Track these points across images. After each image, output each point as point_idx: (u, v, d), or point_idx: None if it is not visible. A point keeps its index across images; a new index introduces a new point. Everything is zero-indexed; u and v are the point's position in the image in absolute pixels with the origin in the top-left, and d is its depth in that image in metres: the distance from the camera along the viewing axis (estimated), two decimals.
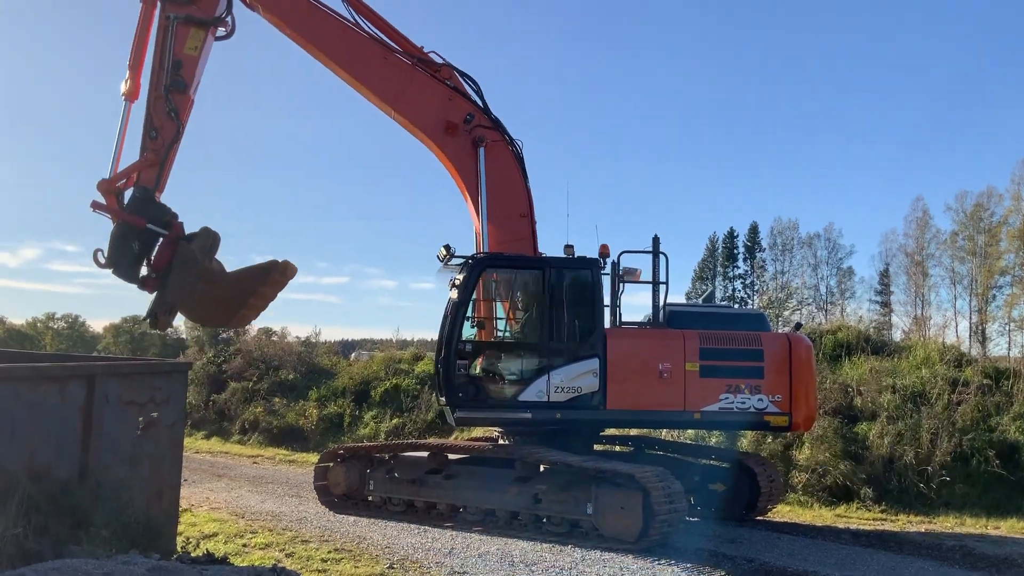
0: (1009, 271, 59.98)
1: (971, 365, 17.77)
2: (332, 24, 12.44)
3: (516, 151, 13.09)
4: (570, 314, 11.95)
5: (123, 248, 10.34)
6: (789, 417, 12.23)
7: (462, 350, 11.80)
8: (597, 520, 10.68)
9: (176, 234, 10.43)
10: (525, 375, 11.78)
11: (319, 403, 24.43)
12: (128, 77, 10.87)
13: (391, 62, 12.66)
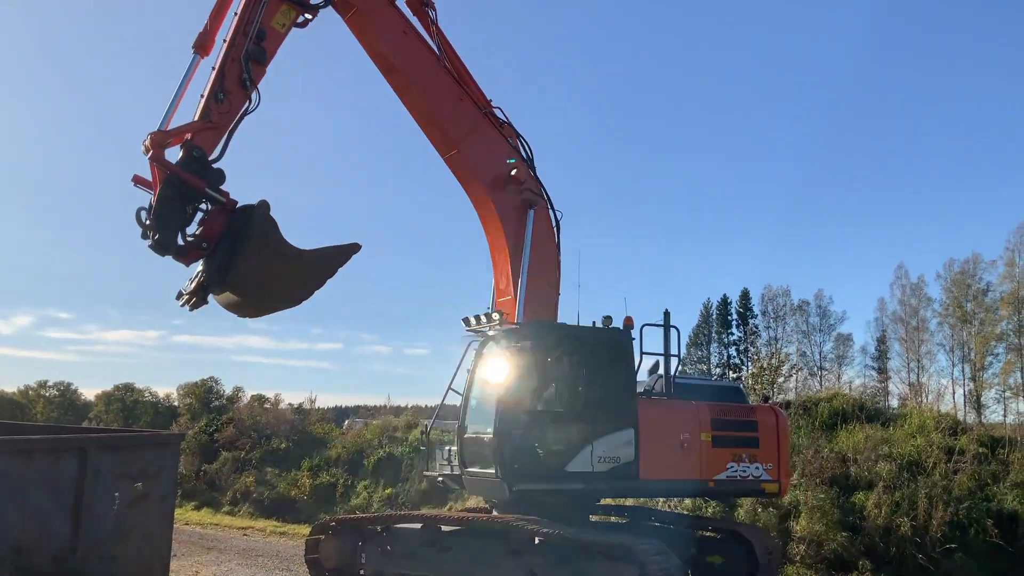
0: (1004, 338, 60.07)
1: (967, 433, 17.76)
2: (423, 53, 12.15)
3: (556, 220, 13.23)
4: (611, 383, 12.04)
5: (173, 211, 9.15)
6: (779, 484, 12.86)
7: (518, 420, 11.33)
8: None
9: (233, 203, 9.44)
10: (572, 445, 11.52)
11: (312, 472, 24.19)
12: (204, 29, 10.10)
13: (464, 104, 12.43)
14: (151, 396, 47.63)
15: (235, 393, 38.95)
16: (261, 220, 9.15)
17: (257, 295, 9.89)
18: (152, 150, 9.10)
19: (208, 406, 37.56)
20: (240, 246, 9.06)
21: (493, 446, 11.29)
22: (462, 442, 12.12)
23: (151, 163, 9.15)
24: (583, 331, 12.41)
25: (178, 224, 9.19)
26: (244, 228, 9.12)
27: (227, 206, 9.36)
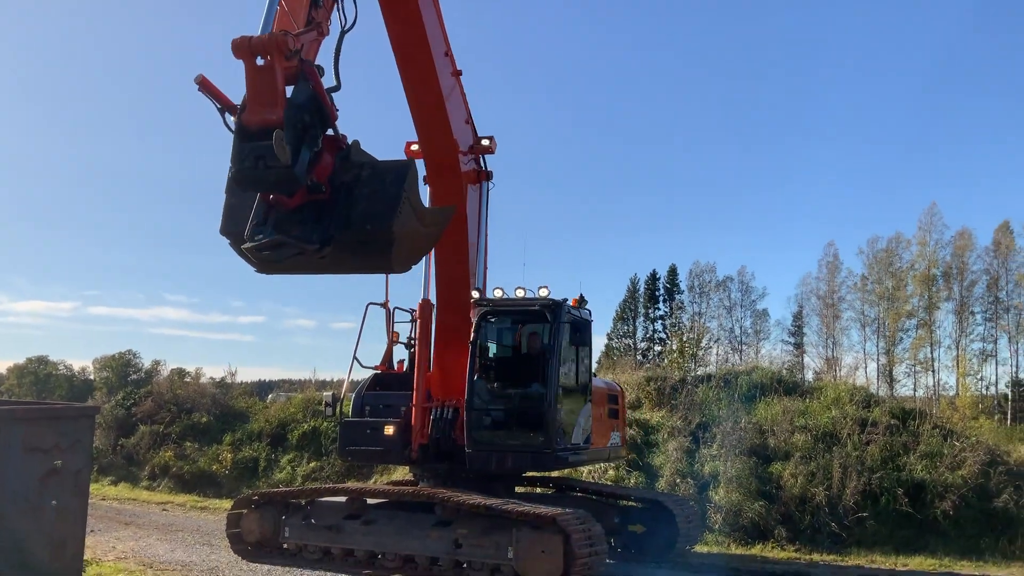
0: (915, 314, 62.40)
1: (879, 406, 18.39)
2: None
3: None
4: (587, 360, 13.00)
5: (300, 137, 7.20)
6: (626, 450, 15.53)
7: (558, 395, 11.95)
8: (518, 564, 10.59)
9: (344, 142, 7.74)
10: (572, 418, 12.35)
11: (233, 447, 23.80)
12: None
13: (449, 59, 11.57)
14: (66, 369, 46.21)
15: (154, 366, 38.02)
16: (409, 167, 7.54)
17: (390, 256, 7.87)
18: (274, 55, 6.92)
19: (126, 380, 36.58)
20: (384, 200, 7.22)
21: (543, 419, 11.77)
22: (474, 415, 12.14)
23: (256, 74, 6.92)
24: (584, 311, 13.16)
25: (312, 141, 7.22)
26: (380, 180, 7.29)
27: (339, 143, 7.61)
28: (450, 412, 12.29)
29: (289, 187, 6.95)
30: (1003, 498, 15.07)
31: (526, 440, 12.02)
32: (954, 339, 60.80)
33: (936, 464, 15.97)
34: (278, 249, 7.06)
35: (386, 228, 7.18)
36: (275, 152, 6.70)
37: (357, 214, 7.20)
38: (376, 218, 7.16)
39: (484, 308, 12.42)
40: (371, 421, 12.58)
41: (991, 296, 60.68)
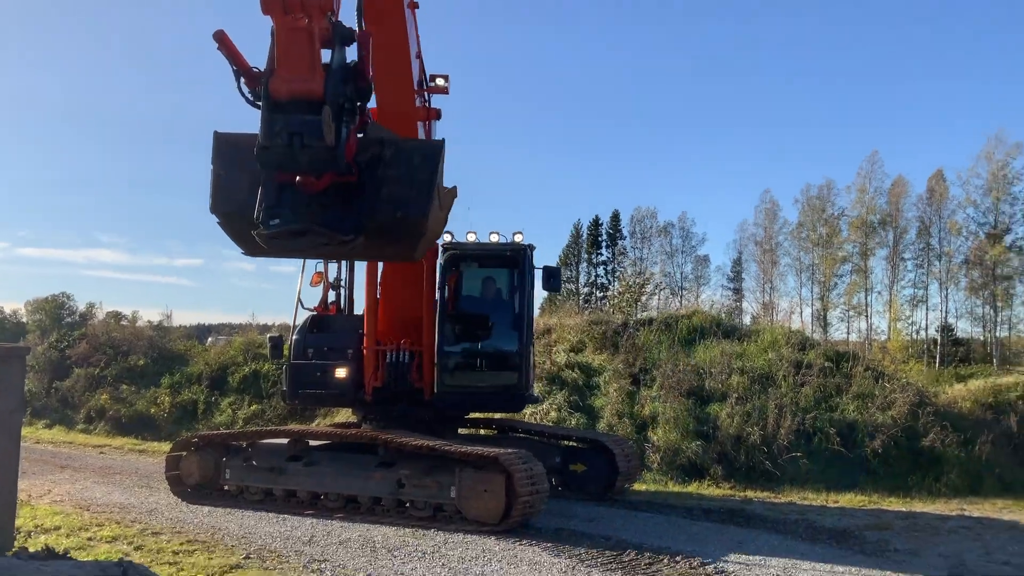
0: (849, 260, 63.85)
1: (814, 348, 18.85)
2: None
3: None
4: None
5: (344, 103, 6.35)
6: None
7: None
8: (460, 503, 10.71)
9: (368, 116, 7.11)
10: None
11: (172, 390, 23.49)
12: None
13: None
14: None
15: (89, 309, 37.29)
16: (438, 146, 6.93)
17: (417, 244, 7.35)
18: (313, 14, 6.05)
19: (60, 322, 35.73)
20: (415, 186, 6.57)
21: (518, 361, 12.34)
22: (444, 359, 12.35)
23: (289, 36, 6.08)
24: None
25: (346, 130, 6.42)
26: (407, 161, 6.64)
27: (365, 118, 6.95)
28: (406, 355, 12.33)
29: (327, 170, 6.15)
30: (930, 438, 15.64)
31: (498, 382, 12.38)
32: (886, 285, 62.47)
33: (867, 405, 16.48)
34: (302, 238, 6.20)
35: (421, 217, 6.50)
36: (320, 130, 5.86)
37: (384, 199, 6.44)
38: (408, 205, 6.40)
39: (453, 252, 12.42)
40: (321, 364, 12.45)
41: (923, 243, 62.27)
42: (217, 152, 6.33)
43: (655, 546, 9.91)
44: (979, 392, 20.51)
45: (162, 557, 8.87)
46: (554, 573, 8.60)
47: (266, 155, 6.03)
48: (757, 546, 10.18)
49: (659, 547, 9.85)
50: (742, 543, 10.33)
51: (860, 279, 63.10)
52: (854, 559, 9.59)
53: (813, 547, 10.26)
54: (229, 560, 8.83)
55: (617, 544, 9.98)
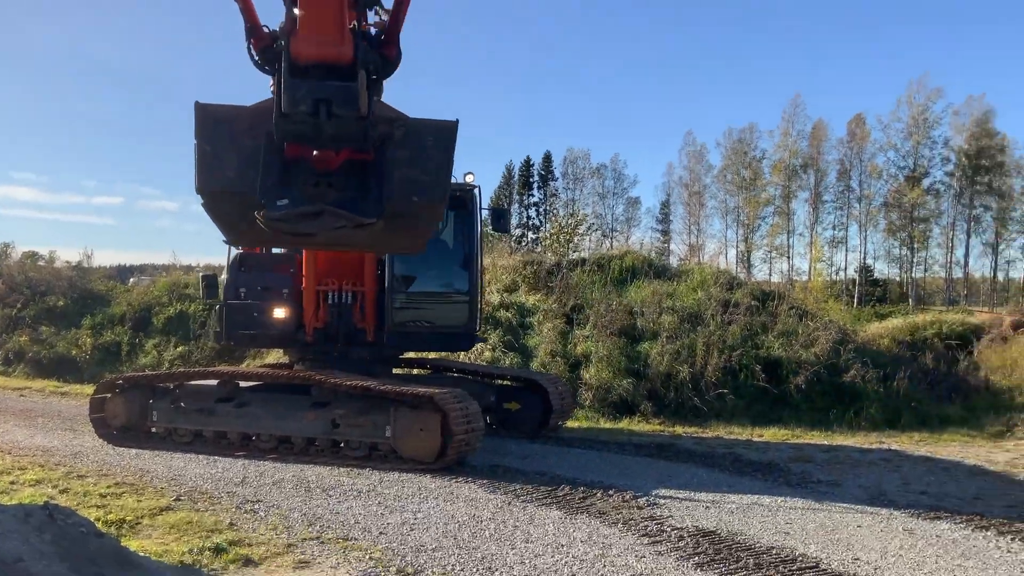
0: (772, 202, 65.12)
1: (741, 288, 19.23)
2: None
3: None
4: None
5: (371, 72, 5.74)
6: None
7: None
8: (396, 443, 10.70)
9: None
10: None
11: (94, 331, 22.83)
12: None
13: None
14: None
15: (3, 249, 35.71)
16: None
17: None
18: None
19: None
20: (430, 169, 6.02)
21: (470, 301, 12.46)
22: (395, 299, 12.27)
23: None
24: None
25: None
26: (419, 142, 6.04)
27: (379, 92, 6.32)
28: (349, 296, 12.15)
29: (353, 145, 5.56)
30: (851, 374, 16.17)
31: (449, 322, 12.44)
32: (808, 227, 63.99)
33: (791, 343, 16.92)
34: (314, 220, 5.56)
35: (439, 202, 5.99)
36: (353, 98, 5.23)
37: (397, 182, 5.84)
38: (424, 190, 5.81)
39: None
40: (259, 304, 12.14)
41: (843, 186, 63.79)
42: (201, 126, 5.59)
43: (589, 480, 10.08)
44: (897, 330, 21.29)
45: (89, 500, 8.67)
46: (490, 509, 8.67)
47: (286, 124, 5.33)
48: (686, 479, 10.44)
49: (593, 481, 10.03)
50: (672, 476, 10.57)
51: (782, 221, 64.52)
52: (779, 490, 9.90)
53: (740, 479, 10.56)
54: (159, 502, 8.68)
55: (552, 479, 10.12)
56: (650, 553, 7.22)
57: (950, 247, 60.34)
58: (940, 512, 8.80)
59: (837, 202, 64.46)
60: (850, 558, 7.19)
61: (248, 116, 5.70)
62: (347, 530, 7.81)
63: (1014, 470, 11.26)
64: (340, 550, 7.16)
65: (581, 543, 7.48)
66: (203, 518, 8.07)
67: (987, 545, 7.63)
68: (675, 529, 7.99)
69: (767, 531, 8.01)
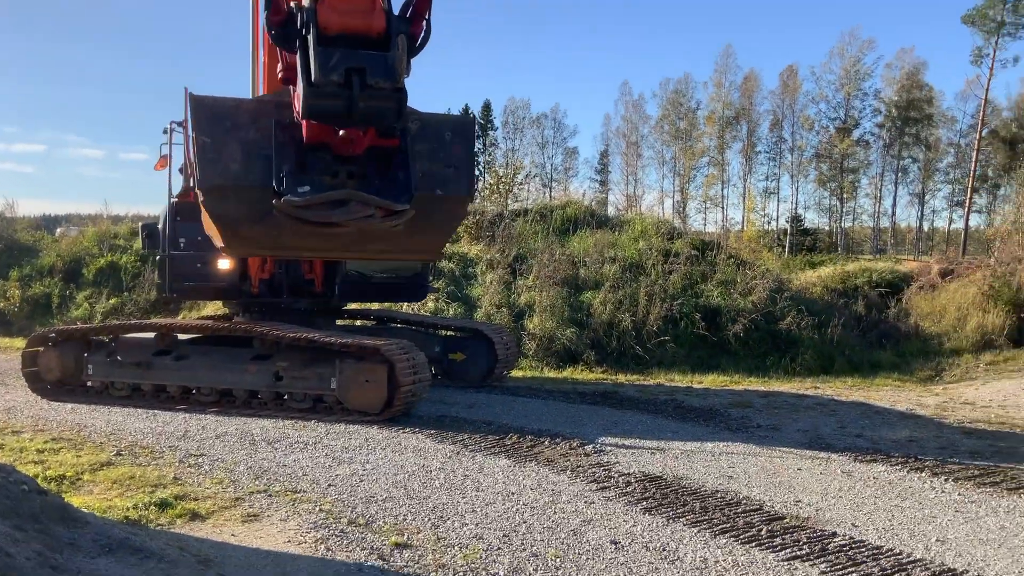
0: (707, 152, 65.80)
1: (681, 238, 19.44)
2: None
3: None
4: None
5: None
6: None
7: None
8: (341, 394, 10.61)
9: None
10: None
11: (22, 283, 22.07)
12: None
13: None
14: None
15: None
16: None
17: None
18: None
19: None
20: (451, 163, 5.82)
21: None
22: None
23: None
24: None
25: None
26: (437, 136, 5.77)
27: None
28: None
29: (386, 121, 5.08)
30: (787, 321, 16.55)
31: (403, 272, 12.39)
32: (741, 177, 64.92)
33: (730, 291, 17.22)
34: (340, 208, 5.13)
35: (465, 195, 5.70)
36: (387, 68, 4.75)
37: (418, 176, 5.47)
38: (447, 183, 5.50)
39: None
40: (202, 256, 11.79)
41: (776, 137, 64.72)
42: (197, 118, 5.24)
43: (536, 429, 10.16)
44: (829, 279, 21.81)
45: (26, 456, 8.42)
46: (439, 459, 8.68)
47: (314, 98, 4.87)
48: (631, 426, 10.59)
49: (540, 430, 10.11)
50: (617, 424, 10.72)
51: (717, 172, 65.30)
52: (721, 435, 10.12)
53: (683, 425, 10.76)
54: (99, 457, 8.47)
55: (499, 429, 10.17)
56: (599, 499, 7.32)
57: (878, 197, 61.97)
58: (876, 455, 9.11)
59: (770, 153, 65.47)
60: (792, 500, 7.40)
61: (249, 108, 5.35)
62: (295, 482, 7.74)
63: (944, 413, 11.70)
64: (289, 502, 7.09)
65: (531, 490, 7.54)
66: (146, 473, 7.91)
67: (922, 486, 7.92)
68: (622, 475, 8.11)
69: (711, 475, 8.18)
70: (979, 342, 16.97)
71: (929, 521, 6.83)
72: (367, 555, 5.87)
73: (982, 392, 13.50)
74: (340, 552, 5.93)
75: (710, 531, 6.49)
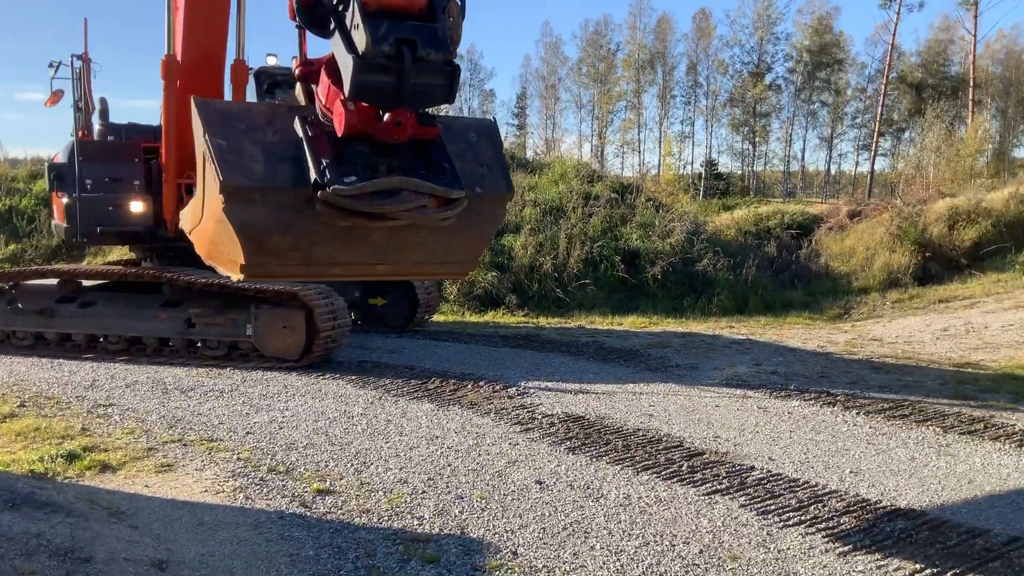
0: (624, 96, 65.98)
1: (601, 181, 19.46)
2: None
3: None
4: None
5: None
6: None
7: None
8: (258, 341, 10.33)
9: None
10: None
11: None
12: None
13: None
14: None
15: None
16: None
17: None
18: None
19: None
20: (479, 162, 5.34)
21: None
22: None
23: None
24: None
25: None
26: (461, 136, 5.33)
27: None
28: None
29: (438, 100, 4.62)
30: (703, 263, 16.81)
31: None
32: (657, 122, 65.43)
33: (649, 234, 17.38)
34: (391, 198, 4.62)
35: (506, 192, 5.23)
36: (439, 40, 4.37)
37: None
38: (483, 180, 5.06)
39: (272, 79, 11.39)
40: (113, 198, 11.15)
41: (691, 81, 65.25)
42: (207, 121, 4.72)
43: (458, 373, 10.10)
44: (743, 221, 22.28)
45: None
46: (361, 404, 8.56)
47: (363, 74, 4.39)
48: (554, 368, 10.63)
49: (462, 373, 10.06)
50: (539, 366, 10.74)
51: (634, 116, 65.64)
52: (641, 375, 10.25)
53: (604, 366, 10.85)
54: (1, 409, 8.09)
55: (421, 373, 10.08)
56: (523, 440, 7.33)
57: (789, 141, 63.20)
58: (790, 390, 9.35)
59: (685, 97, 66.00)
60: (711, 436, 7.54)
61: (261, 111, 4.91)
62: (211, 431, 7.52)
63: (853, 350, 12.08)
64: (205, 451, 6.89)
65: (455, 434, 7.50)
66: (52, 424, 7.58)
67: (835, 420, 8.17)
68: (546, 416, 8.14)
69: (632, 414, 8.27)
70: (886, 281, 17.59)
71: (843, 454, 7.05)
72: (288, 503, 5.75)
73: (889, 329, 13.99)
74: (260, 500, 5.79)
75: (633, 468, 6.56)
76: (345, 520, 5.46)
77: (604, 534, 5.28)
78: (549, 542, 5.15)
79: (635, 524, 5.44)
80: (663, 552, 5.02)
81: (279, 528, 5.31)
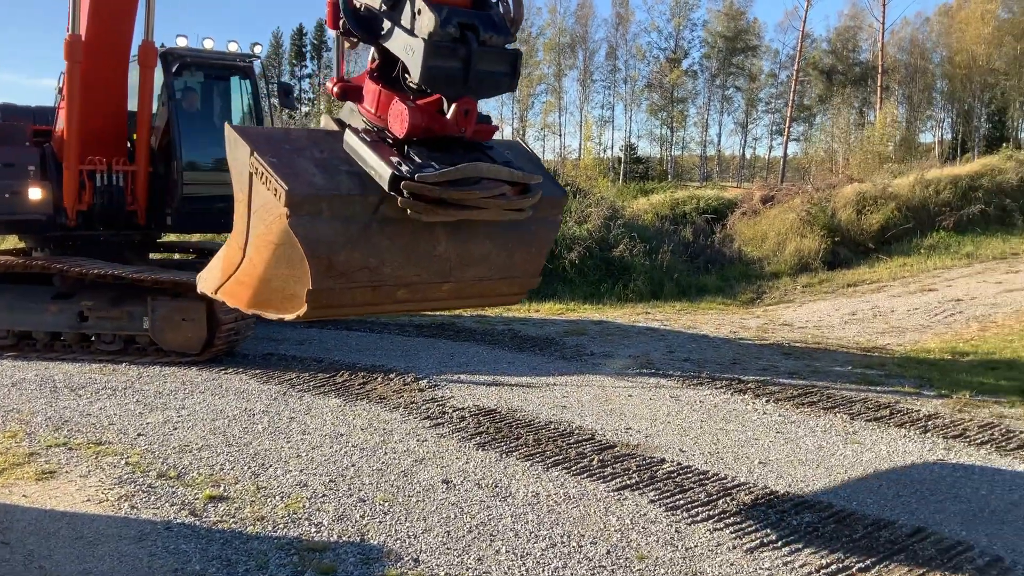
0: (545, 80, 65.94)
1: None
2: None
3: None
4: None
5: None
6: None
7: None
8: (156, 335, 9.83)
9: None
10: None
11: None
12: None
13: None
14: None
15: None
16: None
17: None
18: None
19: None
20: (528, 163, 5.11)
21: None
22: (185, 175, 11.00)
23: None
24: None
25: None
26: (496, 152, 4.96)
27: None
28: (119, 177, 10.76)
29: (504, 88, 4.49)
30: (620, 248, 16.78)
31: None
32: (578, 106, 65.62)
33: (566, 219, 17.22)
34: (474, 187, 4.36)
35: (562, 196, 5.10)
36: (496, 23, 4.20)
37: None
38: (533, 187, 4.68)
39: (180, 61, 10.85)
40: (11, 183, 10.46)
41: (611, 66, 65.58)
42: (254, 144, 4.45)
43: (369, 365, 9.81)
44: (659, 205, 22.42)
45: None
46: (263, 401, 8.21)
47: (435, 54, 4.17)
48: (468, 357, 10.42)
49: (373, 365, 9.77)
50: (453, 355, 10.52)
51: (555, 100, 65.69)
52: (556, 365, 10.13)
53: (519, 355, 10.69)
54: None
55: (330, 366, 9.75)
56: (432, 436, 7.11)
57: (705, 126, 64.13)
58: (702, 378, 9.34)
59: (605, 82, 66.32)
60: (623, 427, 7.45)
61: (303, 135, 4.63)
62: (100, 433, 7.10)
63: (765, 335, 12.19)
64: (91, 456, 6.49)
65: (361, 431, 7.24)
66: None
67: (745, 408, 8.16)
68: (456, 410, 7.93)
69: (545, 406, 8.13)
70: (796, 265, 17.88)
71: (752, 443, 7.03)
72: (176, 511, 5.42)
73: (799, 313, 14.19)
74: (146, 509, 5.45)
75: (543, 464, 6.41)
76: (238, 529, 5.16)
77: (510, 536, 5.11)
78: (453, 547, 4.96)
79: (542, 524, 5.28)
80: (570, 554, 4.87)
81: (164, 540, 4.99)
